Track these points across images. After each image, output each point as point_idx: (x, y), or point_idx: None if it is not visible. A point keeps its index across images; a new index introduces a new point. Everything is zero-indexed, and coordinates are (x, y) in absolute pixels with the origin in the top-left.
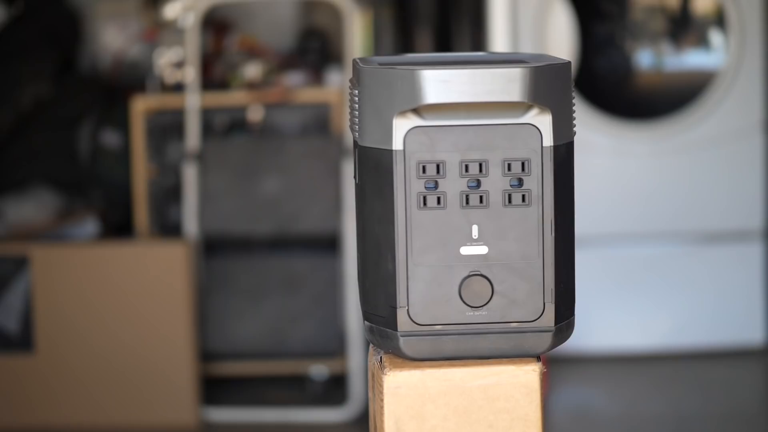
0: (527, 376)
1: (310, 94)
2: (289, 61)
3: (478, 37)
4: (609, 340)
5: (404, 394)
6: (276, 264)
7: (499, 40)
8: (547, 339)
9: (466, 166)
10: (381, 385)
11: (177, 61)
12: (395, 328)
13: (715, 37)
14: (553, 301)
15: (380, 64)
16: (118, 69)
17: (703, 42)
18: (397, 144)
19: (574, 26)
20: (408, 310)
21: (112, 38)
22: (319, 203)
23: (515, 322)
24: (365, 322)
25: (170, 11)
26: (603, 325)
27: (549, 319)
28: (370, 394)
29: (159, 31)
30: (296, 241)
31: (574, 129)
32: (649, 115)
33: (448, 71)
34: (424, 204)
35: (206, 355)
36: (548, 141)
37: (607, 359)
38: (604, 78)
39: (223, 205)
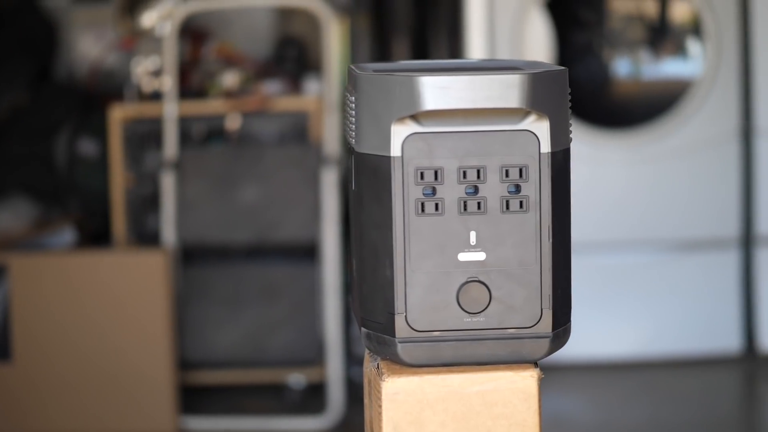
0: (525, 381)
1: (288, 103)
2: (266, 69)
3: (455, 45)
4: (585, 348)
5: (402, 400)
6: (254, 272)
7: (476, 47)
8: (544, 345)
9: (464, 173)
10: (379, 392)
11: (154, 70)
12: (393, 335)
13: (693, 45)
14: (551, 307)
15: (376, 71)
16: (95, 78)
17: (680, 51)
18: (395, 150)
19: (552, 34)
20: (406, 316)
21: (89, 47)
22: (297, 211)
23: (513, 328)
24: (362, 328)
25: (147, 20)
26: (579, 333)
27: (546, 325)
28: (366, 401)
29: (136, 40)
30: (274, 250)
31: (571, 136)
32: (626, 124)
33: (446, 77)
34: (422, 210)
35: (184, 363)
36: (546, 147)
37: (583, 367)
38: (582, 86)
39: (201, 214)
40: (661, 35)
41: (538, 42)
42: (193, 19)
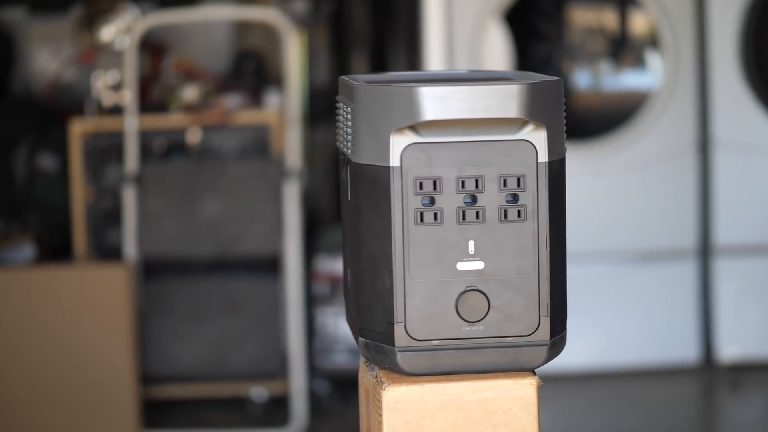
0: (525, 389)
1: (248, 116)
2: (225, 83)
3: (413, 57)
4: None
5: (403, 409)
6: (216, 286)
7: (434, 60)
8: (542, 353)
9: (463, 182)
10: (379, 401)
11: (114, 84)
12: (392, 344)
13: (652, 57)
14: (549, 315)
15: (370, 82)
16: (53, 92)
17: (640, 63)
18: (395, 161)
19: (511, 47)
20: (405, 325)
21: (46, 61)
22: (259, 225)
23: (511, 337)
24: (360, 338)
25: (106, 34)
26: None
27: (544, 333)
28: (363, 410)
29: (95, 54)
30: (236, 263)
31: (565, 146)
32: (585, 135)
33: (446, 88)
34: (421, 220)
35: (146, 377)
36: (543, 157)
37: (542, 378)
38: None
39: (162, 228)
40: (621, 47)
41: (497, 54)
42: (152, 33)
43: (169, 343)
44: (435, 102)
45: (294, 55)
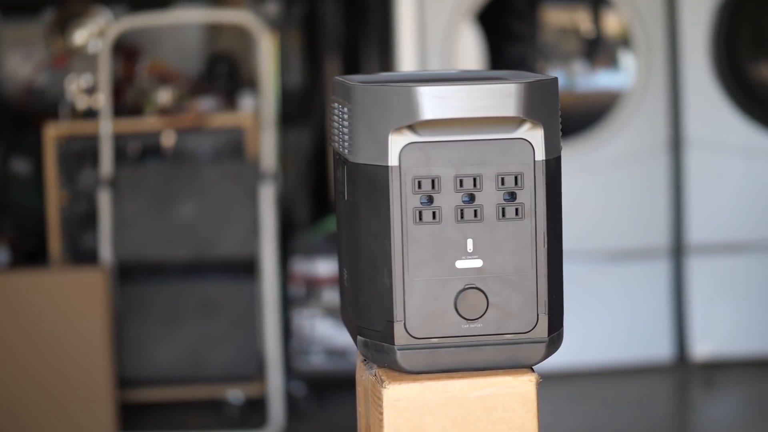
0: (524, 386)
1: (223, 119)
2: (198, 85)
3: (386, 59)
4: None
5: (403, 406)
6: (192, 289)
7: (407, 60)
8: (540, 350)
9: (461, 181)
10: (380, 399)
11: (88, 88)
12: (392, 342)
13: (625, 57)
14: (547, 312)
15: (364, 82)
16: (26, 96)
17: (613, 63)
18: (393, 160)
19: (484, 47)
20: (405, 323)
21: (18, 65)
22: (235, 227)
23: (510, 334)
24: (358, 336)
25: (79, 37)
26: None
27: (542, 330)
28: (361, 409)
29: (68, 58)
30: (213, 266)
31: (561, 144)
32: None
33: (444, 87)
34: (420, 219)
35: (123, 381)
36: (540, 155)
37: None
38: None
39: (138, 231)
40: (595, 47)
41: (470, 55)
42: (125, 36)
43: (146, 347)
44: (433, 101)
45: (268, 58)
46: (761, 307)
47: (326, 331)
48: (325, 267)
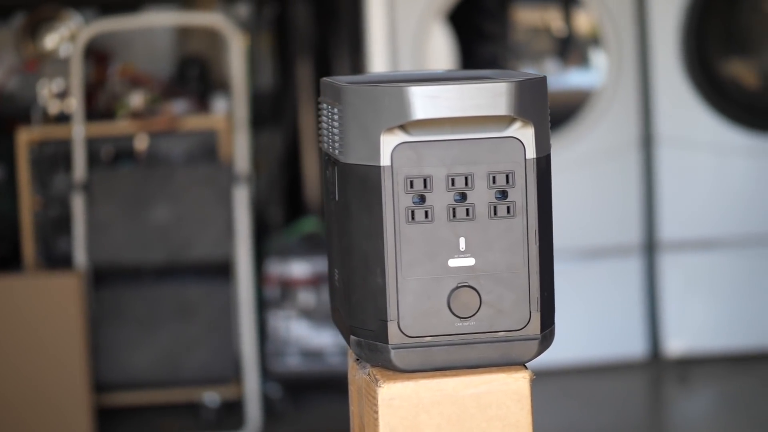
0: (518, 383)
1: (196, 122)
2: (170, 89)
3: (357, 61)
4: None
5: (398, 405)
6: (168, 292)
7: (378, 61)
8: (533, 347)
9: (453, 180)
10: (374, 398)
11: (59, 92)
12: (386, 341)
13: (596, 56)
14: (539, 309)
15: (352, 83)
16: None
17: (585, 61)
18: (385, 160)
19: (456, 47)
20: (398, 322)
21: None
22: (210, 230)
23: (503, 331)
24: (351, 336)
25: (50, 42)
26: None
27: (535, 327)
28: (354, 409)
29: (40, 62)
30: (188, 269)
31: (550, 142)
32: None
33: (436, 87)
34: (412, 218)
35: (99, 385)
36: (531, 153)
37: None
38: None
39: (112, 235)
40: (567, 46)
41: (441, 55)
42: (96, 40)
43: (122, 350)
44: (425, 101)
45: (240, 60)
46: (733, 302)
47: (301, 333)
48: (300, 268)
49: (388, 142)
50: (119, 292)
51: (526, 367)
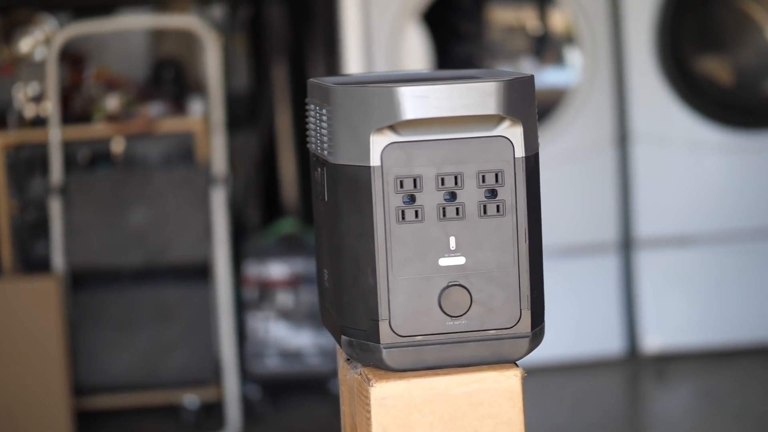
0: (509, 381)
1: (173, 124)
2: (146, 91)
3: (332, 62)
4: None
5: (391, 404)
6: (146, 295)
7: (353, 62)
8: (524, 344)
9: (442, 180)
10: (367, 398)
11: (35, 96)
12: (377, 341)
13: (571, 54)
14: (529, 307)
15: (339, 84)
16: None
17: (561, 59)
18: (375, 160)
19: (431, 47)
20: (390, 322)
21: None
22: (187, 232)
23: (494, 330)
24: (342, 336)
25: (25, 45)
26: None
27: (525, 325)
28: (345, 409)
29: (15, 66)
30: (166, 271)
31: (539, 140)
32: None
33: (425, 87)
34: (403, 218)
35: (79, 388)
36: (520, 152)
37: None
38: None
39: (89, 238)
40: (542, 45)
41: (416, 55)
42: (70, 44)
43: (101, 354)
44: (415, 101)
45: (216, 61)
46: (710, 299)
47: (280, 334)
48: (278, 270)
49: (378, 143)
50: (98, 296)
51: (517, 365)
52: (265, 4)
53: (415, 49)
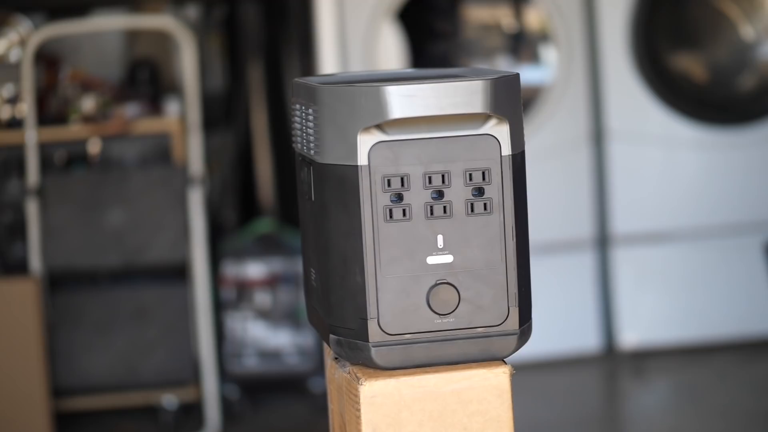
0: (498, 378)
1: (149, 125)
2: (122, 92)
3: (307, 62)
4: None
5: (380, 402)
6: (124, 295)
7: (328, 61)
8: (512, 342)
9: (429, 178)
10: (356, 396)
11: (10, 97)
12: (366, 339)
13: (546, 52)
14: (517, 304)
15: (327, 83)
16: None
17: (535, 58)
18: (362, 159)
19: (407, 46)
20: (378, 320)
21: None
22: (165, 233)
23: (482, 327)
24: (331, 335)
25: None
26: None
27: (513, 322)
28: (334, 407)
29: None
30: (144, 272)
31: (524, 139)
32: None
33: (412, 86)
34: (390, 217)
35: (57, 390)
36: (506, 150)
37: None
38: None
39: (67, 240)
40: (518, 43)
41: (391, 54)
42: (45, 45)
43: (79, 355)
44: (402, 100)
45: (191, 62)
46: (686, 294)
47: (258, 334)
48: (256, 269)
49: (365, 142)
50: (75, 297)
51: (505, 362)
52: (239, 4)
53: (390, 48)
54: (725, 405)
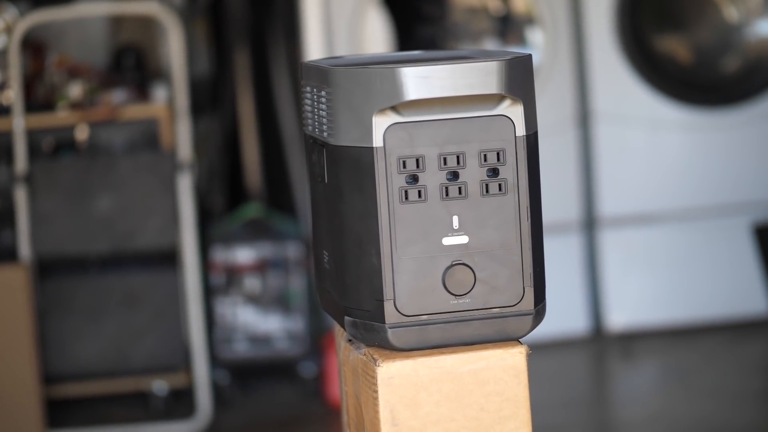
0: (515, 358)
1: (137, 111)
2: (109, 78)
3: (293, 45)
4: None
5: (398, 384)
6: (114, 282)
7: (314, 46)
8: (527, 322)
9: (444, 159)
10: (373, 377)
11: None
12: (383, 321)
13: (532, 34)
14: (532, 285)
15: (341, 66)
16: None
17: (522, 40)
18: (378, 141)
19: (393, 30)
20: (395, 302)
21: None
22: (154, 218)
23: (497, 308)
24: (346, 317)
25: None
26: None
27: (528, 302)
28: (348, 389)
29: None
30: (133, 258)
31: (537, 119)
32: None
33: (427, 68)
34: (406, 198)
35: (48, 377)
36: (521, 131)
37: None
38: None
39: (56, 226)
40: (505, 25)
41: (378, 38)
42: (30, 32)
43: (69, 342)
44: (417, 81)
45: (178, 47)
46: (673, 276)
47: (248, 319)
48: (245, 255)
49: (380, 124)
50: (65, 284)
51: (521, 343)
52: None
53: (377, 33)
54: (713, 386)
